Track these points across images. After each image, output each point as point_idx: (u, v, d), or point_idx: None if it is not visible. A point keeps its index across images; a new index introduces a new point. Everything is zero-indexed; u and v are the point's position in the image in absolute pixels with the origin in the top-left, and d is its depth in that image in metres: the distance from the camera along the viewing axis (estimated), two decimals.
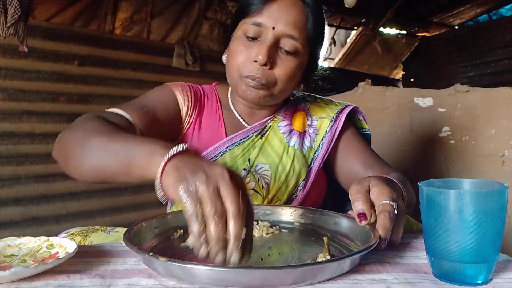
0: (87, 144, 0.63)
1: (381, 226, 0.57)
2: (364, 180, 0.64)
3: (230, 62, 0.88)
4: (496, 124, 1.47)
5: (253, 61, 0.82)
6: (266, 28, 0.83)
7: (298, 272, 0.46)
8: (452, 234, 0.49)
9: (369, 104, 1.88)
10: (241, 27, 0.86)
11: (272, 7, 0.83)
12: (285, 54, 0.84)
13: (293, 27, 0.83)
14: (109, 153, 0.60)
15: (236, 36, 0.87)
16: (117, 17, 2.95)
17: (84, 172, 0.65)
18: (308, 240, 0.66)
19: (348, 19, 4.58)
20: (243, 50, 0.84)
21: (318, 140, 0.95)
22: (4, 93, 2.41)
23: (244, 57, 0.84)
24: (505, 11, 4.60)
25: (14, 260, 0.55)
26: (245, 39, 0.85)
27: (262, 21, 0.83)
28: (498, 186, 0.53)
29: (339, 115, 0.96)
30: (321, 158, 0.94)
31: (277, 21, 0.82)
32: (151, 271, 0.52)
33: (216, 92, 0.99)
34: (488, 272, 0.51)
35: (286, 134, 0.94)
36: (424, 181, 0.54)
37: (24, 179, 2.49)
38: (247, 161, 0.90)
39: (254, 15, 0.84)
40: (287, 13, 0.83)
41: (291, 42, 0.83)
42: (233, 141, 0.91)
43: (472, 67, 4.35)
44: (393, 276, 0.51)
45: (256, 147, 0.92)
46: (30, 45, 2.27)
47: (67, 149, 0.69)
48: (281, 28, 0.82)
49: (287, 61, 0.84)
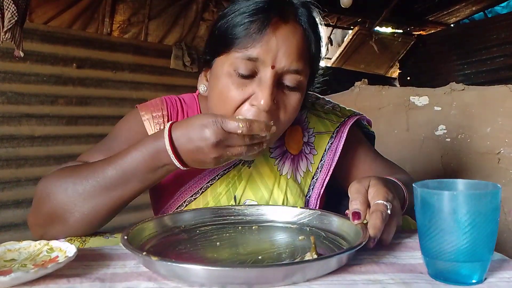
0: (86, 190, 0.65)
1: (372, 226, 0.58)
2: (364, 179, 0.65)
3: (219, 106, 0.71)
4: (491, 122, 1.48)
5: (251, 104, 0.68)
6: (264, 64, 0.67)
7: (282, 270, 0.48)
8: (447, 235, 0.50)
9: (365, 104, 1.89)
10: (228, 61, 0.69)
11: (269, 38, 0.67)
12: (288, 90, 0.71)
13: (296, 59, 0.69)
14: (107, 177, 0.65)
15: (223, 72, 0.70)
16: (115, 19, 2.95)
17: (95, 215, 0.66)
18: (303, 239, 0.66)
19: (344, 19, 4.59)
20: (236, 91, 0.68)
21: (316, 161, 0.83)
22: (3, 97, 2.41)
23: (239, 101, 0.69)
24: (500, 9, 4.61)
25: (14, 264, 0.55)
26: (236, 77, 0.68)
27: (258, 55, 0.67)
28: (492, 187, 0.53)
29: (340, 129, 0.84)
30: (320, 184, 0.82)
31: (276, 55, 0.67)
32: (151, 274, 0.52)
33: (198, 105, 0.85)
34: (482, 272, 0.51)
35: (277, 160, 0.82)
36: (419, 182, 0.55)
37: (24, 182, 2.49)
38: (233, 199, 0.79)
39: (246, 48, 0.67)
40: (288, 44, 0.68)
41: (295, 77, 0.70)
42: (215, 173, 0.78)
43: (468, 65, 4.36)
44: (388, 276, 0.52)
45: (243, 178, 0.79)
46: (29, 48, 2.28)
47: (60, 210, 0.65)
48: (282, 63, 0.68)
49: (291, 97, 0.71)
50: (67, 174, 0.68)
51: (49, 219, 0.67)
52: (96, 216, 0.67)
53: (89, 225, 0.68)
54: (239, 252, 0.60)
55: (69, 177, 0.67)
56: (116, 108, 2.82)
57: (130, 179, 0.65)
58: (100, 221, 0.68)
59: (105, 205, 0.66)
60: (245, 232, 0.69)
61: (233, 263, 0.56)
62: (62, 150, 2.64)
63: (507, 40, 4.00)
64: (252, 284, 0.48)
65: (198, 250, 0.61)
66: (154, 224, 0.67)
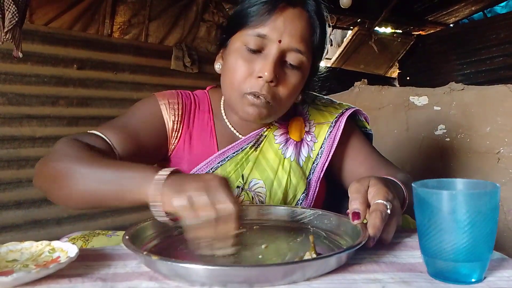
0: (74, 173, 0.66)
1: (371, 225, 0.58)
2: (364, 179, 0.65)
3: (228, 77, 0.80)
4: (491, 121, 1.48)
5: (257, 76, 0.76)
6: (271, 41, 0.76)
7: (282, 269, 0.49)
8: (446, 234, 0.50)
9: (365, 104, 1.89)
10: (240, 38, 0.79)
11: (277, 18, 0.76)
12: (290, 69, 0.79)
13: (300, 40, 0.77)
14: (99, 181, 0.64)
15: (235, 48, 0.80)
16: (115, 20, 2.95)
17: (73, 201, 0.68)
18: (304, 239, 0.67)
19: (344, 19, 4.60)
20: (244, 64, 0.78)
21: (316, 148, 0.90)
22: (4, 98, 2.42)
23: (245, 72, 0.77)
24: (499, 8, 4.61)
25: (16, 265, 0.55)
26: (245, 52, 0.78)
27: (266, 32, 0.76)
28: (491, 186, 0.54)
29: (338, 119, 0.91)
30: (320, 168, 0.89)
31: (282, 33, 0.76)
32: (152, 274, 0.53)
33: (209, 99, 0.93)
34: (482, 271, 0.51)
35: (282, 145, 0.89)
36: (418, 181, 0.55)
37: (25, 183, 2.49)
38: (241, 177, 0.86)
39: (257, 26, 0.77)
40: (293, 25, 0.77)
41: (297, 56, 0.78)
42: (226, 155, 0.86)
43: (467, 65, 4.37)
44: (388, 275, 0.52)
45: (250, 161, 0.87)
46: (29, 49, 2.28)
47: (52, 179, 0.69)
48: (287, 41, 0.76)
49: (292, 76, 0.79)
50: (81, 149, 0.70)
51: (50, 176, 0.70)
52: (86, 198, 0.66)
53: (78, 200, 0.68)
54: (240, 252, 0.60)
55: (81, 152, 0.69)
56: (117, 109, 2.82)
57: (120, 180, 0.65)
58: (88, 204, 0.69)
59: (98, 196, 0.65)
60: (247, 232, 0.70)
61: (234, 262, 0.56)
62: None
63: (506, 39, 4.01)
64: (253, 283, 0.48)
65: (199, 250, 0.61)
66: (156, 223, 0.67)
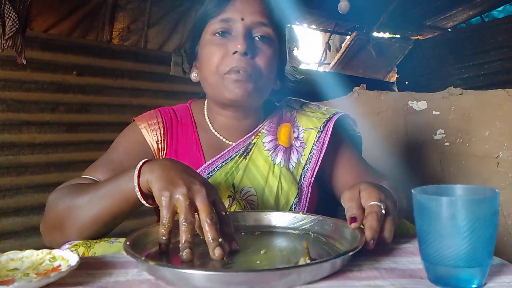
0: (74, 209, 0.70)
1: (368, 227, 0.59)
2: (354, 187, 0.67)
3: (205, 68, 0.84)
4: (490, 125, 1.49)
5: (232, 53, 0.80)
6: (235, 21, 0.82)
7: (277, 274, 0.49)
8: (446, 240, 0.50)
9: (364, 109, 1.89)
10: (208, 30, 0.85)
11: (235, 1, 0.83)
12: (260, 42, 0.84)
13: (260, 14, 0.84)
14: (97, 201, 0.69)
15: (205, 41, 0.85)
16: (114, 27, 2.97)
17: (86, 231, 0.71)
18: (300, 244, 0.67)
19: (342, 24, 4.63)
20: (217, 49, 0.82)
21: (306, 153, 0.91)
22: (3, 104, 2.42)
23: (221, 54, 0.82)
24: (497, 13, 4.65)
25: (17, 273, 0.55)
26: (215, 38, 0.83)
27: (229, 16, 0.82)
28: (490, 192, 0.54)
29: (326, 124, 0.92)
30: (310, 173, 0.90)
31: (243, 12, 0.82)
32: (153, 282, 0.53)
33: (190, 112, 0.94)
34: (482, 276, 0.51)
35: (271, 151, 0.90)
36: (418, 188, 0.56)
37: (25, 189, 2.49)
38: (231, 186, 0.86)
39: (219, 14, 0.83)
40: (251, 4, 0.84)
41: (262, 29, 0.83)
42: (215, 165, 0.86)
43: (465, 69, 4.38)
44: (388, 282, 0.52)
45: (240, 169, 0.87)
46: (29, 56, 2.29)
47: (59, 224, 0.72)
48: (249, 18, 0.82)
49: (264, 49, 0.84)
50: (69, 189, 0.76)
51: (52, 226, 0.75)
52: (91, 224, 0.71)
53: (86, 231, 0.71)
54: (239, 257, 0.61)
55: (70, 191, 0.75)
56: (116, 115, 2.83)
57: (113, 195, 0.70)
58: (96, 228, 0.71)
59: (97, 215, 0.70)
60: (247, 237, 0.70)
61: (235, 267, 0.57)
62: (63, 157, 2.64)
63: (504, 44, 4.03)
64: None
65: (199, 256, 0.61)
66: (157, 230, 0.67)
